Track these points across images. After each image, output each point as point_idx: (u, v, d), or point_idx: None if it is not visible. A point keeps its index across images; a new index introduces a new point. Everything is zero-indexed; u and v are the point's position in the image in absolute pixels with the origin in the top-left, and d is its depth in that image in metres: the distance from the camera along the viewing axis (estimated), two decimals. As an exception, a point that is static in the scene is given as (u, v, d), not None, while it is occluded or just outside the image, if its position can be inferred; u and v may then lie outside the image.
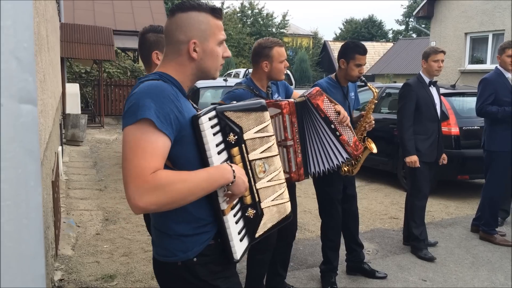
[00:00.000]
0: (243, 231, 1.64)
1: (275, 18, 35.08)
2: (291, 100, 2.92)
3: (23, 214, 0.41)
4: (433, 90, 4.45)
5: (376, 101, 3.60)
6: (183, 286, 1.60)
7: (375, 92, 3.57)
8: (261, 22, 34.21)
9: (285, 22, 34.93)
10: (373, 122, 3.60)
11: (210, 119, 1.51)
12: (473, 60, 13.45)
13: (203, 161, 1.52)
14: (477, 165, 6.03)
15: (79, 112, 11.67)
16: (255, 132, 1.62)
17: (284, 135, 2.86)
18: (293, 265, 4.11)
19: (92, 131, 12.60)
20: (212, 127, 1.52)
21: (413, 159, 4.25)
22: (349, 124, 3.09)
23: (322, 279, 3.78)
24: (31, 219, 0.42)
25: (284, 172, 2.93)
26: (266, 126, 1.66)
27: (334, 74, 3.73)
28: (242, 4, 34.76)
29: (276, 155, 1.72)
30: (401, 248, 4.58)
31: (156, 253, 1.63)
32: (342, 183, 3.71)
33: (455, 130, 6.24)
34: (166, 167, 1.48)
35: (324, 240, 3.79)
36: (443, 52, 4.42)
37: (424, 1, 14.36)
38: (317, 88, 3.06)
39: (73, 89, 12.09)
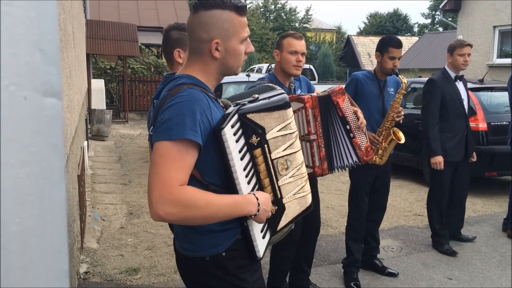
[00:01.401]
0: (265, 228, 1.66)
1: (298, 13, 34.84)
2: (314, 94, 2.91)
3: (46, 210, 0.41)
4: (459, 85, 4.31)
5: (405, 92, 3.56)
6: (210, 281, 1.61)
7: (404, 82, 3.54)
8: (284, 17, 34.02)
9: (308, 16, 34.65)
10: (402, 112, 3.57)
11: (232, 126, 1.51)
12: (502, 54, 13.10)
13: (226, 169, 1.52)
14: (505, 162, 5.87)
15: (104, 107, 11.84)
16: (278, 131, 1.61)
17: (307, 129, 2.85)
18: (315, 261, 4.08)
19: (116, 126, 12.78)
20: (234, 134, 1.51)
21: (438, 160, 4.14)
22: (365, 130, 3.06)
23: (345, 276, 3.76)
24: (55, 214, 0.42)
25: (308, 166, 2.91)
26: (289, 123, 1.64)
27: (374, 68, 3.77)
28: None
29: (298, 151, 1.70)
30: (426, 245, 4.50)
31: (181, 248, 1.63)
32: (373, 173, 3.69)
33: (482, 125, 6.10)
34: (195, 178, 1.50)
35: (348, 231, 3.80)
36: (470, 45, 4.26)
37: (451, -6, 14.05)
38: (341, 86, 3.05)
39: (98, 84, 12.28)
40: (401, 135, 3.54)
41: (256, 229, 1.61)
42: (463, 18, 13.85)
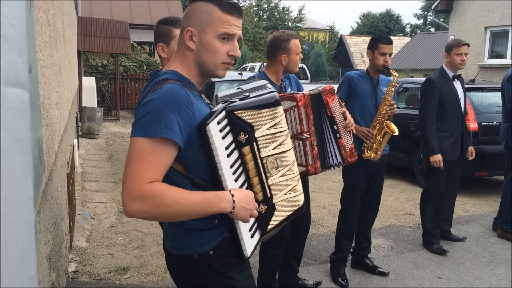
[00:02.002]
0: (254, 227, 1.63)
1: (291, 12, 34.81)
2: (306, 92, 2.89)
3: (9, 210, 0.38)
4: (457, 84, 4.32)
5: (396, 84, 3.58)
6: (199, 279, 1.59)
7: (395, 75, 3.56)
8: (277, 16, 33.96)
9: (301, 16, 34.64)
10: (395, 106, 3.58)
11: (218, 122, 1.48)
12: (493, 55, 13.18)
13: (212, 166, 1.50)
14: (495, 162, 5.91)
15: (95, 105, 11.75)
16: (267, 129, 1.57)
17: (300, 128, 2.84)
18: (306, 260, 4.07)
19: (107, 124, 12.69)
20: (221, 130, 1.49)
21: (437, 158, 4.16)
22: (353, 131, 3.07)
23: (332, 271, 3.79)
24: (19, 215, 0.39)
25: (301, 165, 2.91)
26: (279, 121, 1.60)
27: (366, 68, 3.79)
28: (258, -2, 34.59)
29: (289, 150, 1.67)
30: (416, 244, 4.51)
31: (170, 246, 1.62)
32: (368, 172, 3.69)
33: (473, 125, 6.12)
34: (179, 173, 1.49)
35: (340, 228, 3.80)
36: (467, 44, 4.27)
37: (443, -5, 14.11)
38: (331, 86, 3.05)
39: (89, 82, 12.18)
40: (394, 127, 3.55)
41: (243, 228, 1.58)
42: (454, 18, 13.91)
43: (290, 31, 3.14)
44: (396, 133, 3.52)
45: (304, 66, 18.52)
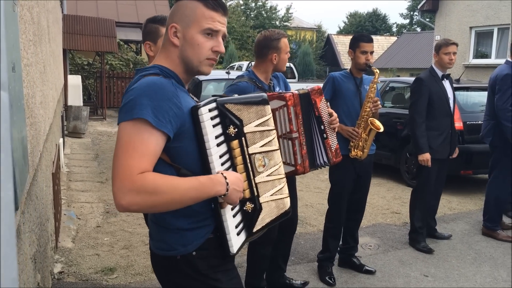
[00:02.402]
0: (241, 225, 1.61)
1: (279, 11, 34.85)
2: (295, 92, 2.89)
3: (-12, 213, 0.37)
4: (446, 83, 4.38)
5: (378, 81, 3.63)
6: (183, 280, 1.58)
7: (377, 71, 3.60)
8: (265, 15, 33.97)
9: (289, 15, 34.69)
10: (379, 103, 3.60)
11: (210, 110, 1.48)
12: (478, 55, 13.35)
13: (201, 153, 1.49)
14: (480, 160, 5.99)
15: (81, 104, 11.63)
16: (255, 126, 1.59)
17: (289, 127, 2.84)
18: (294, 259, 4.08)
19: (94, 123, 12.58)
20: (212, 118, 1.49)
21: (425, 157, 4.20)
22: (337, 130, 3.08)
23: (319, 270, 3.81)
24: (-1, 218, 0.38)
25: (290, 164, 2.91)
26: (267, 120, 1.63)
27: (349, 68, 3.80)
28: (245, -4, 34.55)
29: (276, 150, 1.68)
30: (402, 243, 4.55)
31: (154, 247, 1.61)
32: (355, 172, 3.70)
33: (458, 124, 6.17)
34: (164, 162, 1.46)
35: (327, 228, 3.82)
36: (455, 44, 4.33)
37: (429, -5, 14.24)
38: (319, 86, 3.07)
39: (75, 81, 12.05)
40: (378, 124, 3.56)
41: (230, 222, 1.56)
42: (440, 18, 14.05)
43: (280, 30, 3.14)
44: (381, 129, 3.54)
45: (292, 65, 18.57)
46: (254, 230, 1.64)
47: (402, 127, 6.94)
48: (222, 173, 1.48)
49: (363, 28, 40.11)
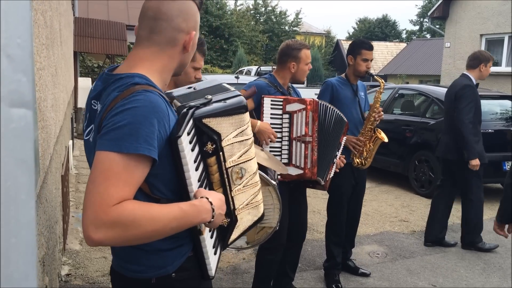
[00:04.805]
0: (216, 242, 1.52)
1: (288, 16, 34.92)
2: (316, 99, 3.03)
3: (11, 233, 0.37)
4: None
5: (383, 91, 3.63)
6: None
7: (382, 82, 3.61)
8: (274, 20, 34.03)
9: (298, 20, 34.73)
10: (382, 112, 3.63)
11: (188, 133, 1.32)
12: (488, 62, 13.26)
13: (179, 178, 1.33)
14: (489, 169, 5.93)
15: (91, 106, 11.67)
16: (234, 137, 1.46)
17: (304, 130, 2.95)
18: (300, 266, 4.07)
19: (103, 126, 12.62)
20: (190, 142, 1.33)
21: (477, 162, 4.34)
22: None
23: (326, 278, 3.81)
24: (21, 237, 0.38)
25: (299, 167, 2.96)
26: (246, 129, 1.50)
27: (344, 73, 3.80)
28: (255, 1, 34.64)
29: (252, 158, 1.58)
30: (410, 252, 4.51)
31: (121, 268, 1.42)
32: (354, 178, 3.73)
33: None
34: (144, 193, 1.29)
35: (329, 235, 3.84)
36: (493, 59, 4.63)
37: (440, 2, 14.18)
38: (348, 124, 3.26)
39: (85, 83, 12.13)
40: (383, 135, 3.61)
41: (209, 245, 1.46)
42: (450, 25, 13.99)
43: (304, 42, 3.22)
44: (386, 140, 3.58)
45: (301, 70, 18.52)
46: (229, 242, 1.56)
47: (411, 134, 6.90)
48: (207, 198, 1.32)
49: (373, 34, 40.03)
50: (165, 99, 1.30)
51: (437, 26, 22.25)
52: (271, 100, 2.96)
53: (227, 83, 1.64)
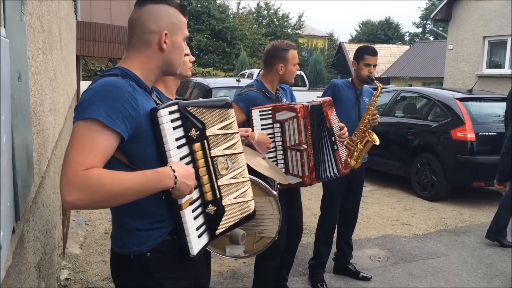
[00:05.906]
0: (203, 228, 1.62)
1: (291, 19, 34.92)
2: (306, 103, 2.92)
3: None
4: None
5: (379, 95, 3.64)
6: (132, 280, 1.58)
7: (379, 86, 3.61)
8: (277, 23, 34.05)
9: (301, 23, 34.74)
10: (377, 116, 3.63)
11: (170, 112, 1.50)
12: (491, 65, 13.21)
13: (161, 156, 1.50)
14: (492, 172, 5.89)
15: (93, 110, 11.69)
16: (218, 129, 1.61)
17: (298, 139, 2.88)
18: (301, 270, 4.04)
19: (105, 129, 12.64)
20: (172, 121, 1.50)
21: None
22: (348, 142, 3.23)
23: (311, 277, 3.82)
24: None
25: (297, 176, 2.92)
26: (231, 123, 1.65)
27: (351, 77, 3.83)
28: (258, 4, 34.69)
29: (240, 153, 1.70)
30: (412, 255, 4.48)
31: (112, 243, 1.63)
32: (347, 179, 3.69)
33: (470, 135, 6.11)
34: (122, 163, 1.47)
35: (318, 234, 3.84)
36: None
37: (442, 4, 14.16)
38: (330, 98, 3.12)
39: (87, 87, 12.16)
40: (375, 137, 3.62)
41: (191, 223, 1.56)
42: (453, 28, 13.95)
43: (290, 42, 3.13)
44: (377, 142, 3.59)
45: (302, 73, 18.55)
46: (217, 232, 1.66)
47: (413, 136, 6.87)
48: (170, 166, 1.47)
49: (376, 36, 40.01)
50: (133, 85, 1.48)
51: (440, 29, 22.21)
52: (259, 111, 2.89)
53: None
